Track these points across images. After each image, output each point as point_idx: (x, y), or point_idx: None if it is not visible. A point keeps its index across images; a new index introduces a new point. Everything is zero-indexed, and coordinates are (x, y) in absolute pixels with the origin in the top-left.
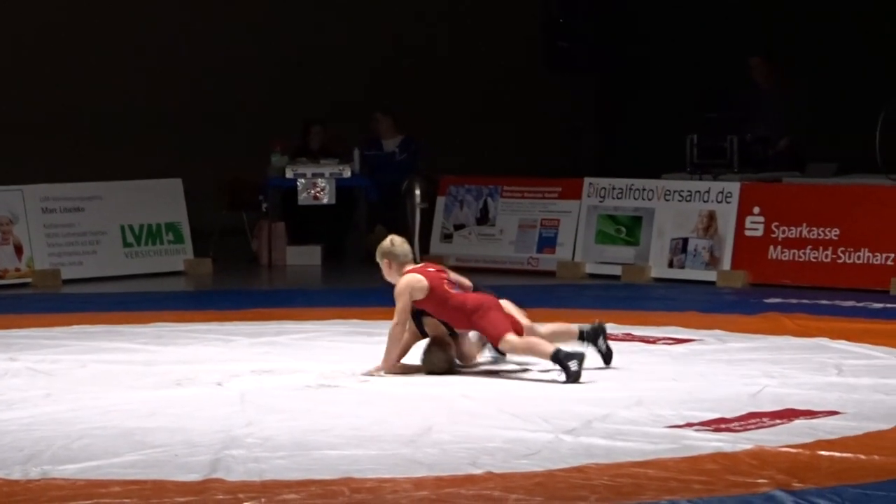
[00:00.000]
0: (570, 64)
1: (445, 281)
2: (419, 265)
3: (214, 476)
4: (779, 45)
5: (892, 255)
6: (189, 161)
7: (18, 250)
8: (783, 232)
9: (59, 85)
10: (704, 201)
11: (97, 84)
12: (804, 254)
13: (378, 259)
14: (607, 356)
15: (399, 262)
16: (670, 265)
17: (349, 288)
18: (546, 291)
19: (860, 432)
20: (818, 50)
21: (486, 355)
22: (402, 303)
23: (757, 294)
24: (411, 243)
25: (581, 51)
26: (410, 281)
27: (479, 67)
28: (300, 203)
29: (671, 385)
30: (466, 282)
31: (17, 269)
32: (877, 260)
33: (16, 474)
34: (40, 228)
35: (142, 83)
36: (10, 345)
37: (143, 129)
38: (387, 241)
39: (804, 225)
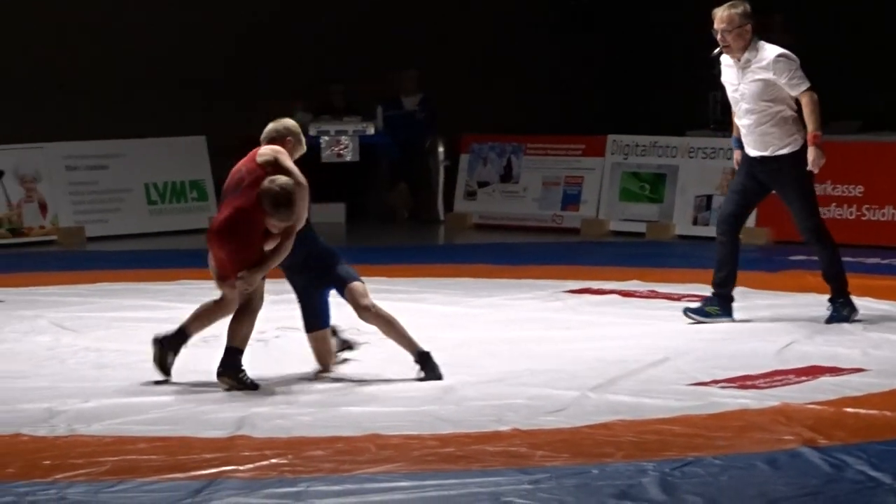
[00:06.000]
0: (588, 22)
1: None
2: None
3: (240, 433)
4: (800, 1)
5: None
6: (213, 118)
7: (43, 208)
8: None
9: (82, 42)
10: (728, 158)
11: (121, 41)
12: (828, 211)
13: (276, 135)
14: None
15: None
16: (694, 222)
17: (373, 246)
18: (570, 249)
19: (886, 389)
20: (840, 6)
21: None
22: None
23: (780, 251)
24: (435, 201)
25: (596, 9)
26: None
27: (496, 26)
28: (323, 161)
29: (696, 342)
30: None
31: (42, 227)
32: None
33: (42, 431)
34: (64, 186)
35: (165, 40)
36: (35, 302)
37: (168, 85)
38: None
39: (828, 182)
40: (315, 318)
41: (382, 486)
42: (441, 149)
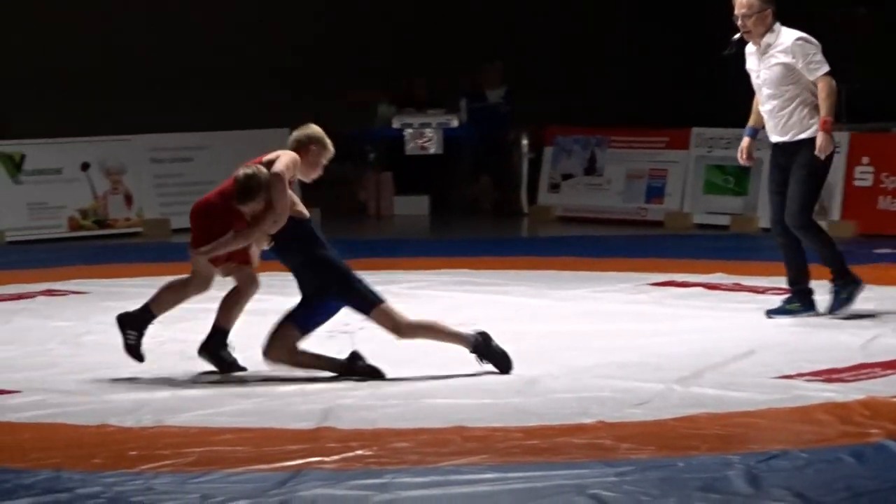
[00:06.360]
0: (671, 15)
1: None
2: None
3: (326, 424)
4: None
5: None
6: (297, 110)
7: (128, 200)
8: (892, 182)
9: (169, 37)
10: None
11: (205, 33)
12: None
13: (298, 145)
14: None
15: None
16: None
17: (457, 238)
18: (654, 242)
19: None
20: None
21: None
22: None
23: (866, 244)
24: (518, 193)
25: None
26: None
27: (579, 17)
28: (407, 153)
29: (781, 335)
30: None
31: (128, 219)
32: None
33: (129, 421)
34: (149, 178)
35: (249, 32)
36: (121, 293)
37: (252, 78)
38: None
39: None
40: (293, 316)
41: (467, 478)
42: (525, 141)
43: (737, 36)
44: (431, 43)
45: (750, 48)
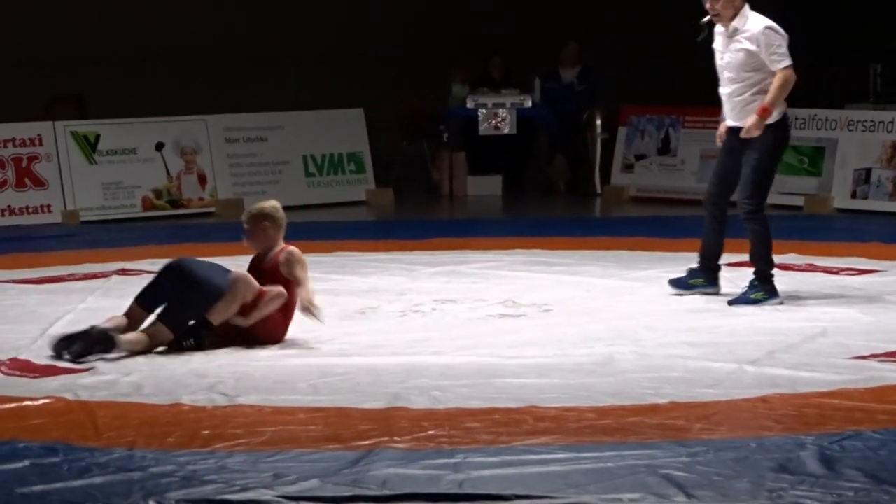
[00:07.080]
0: None
1: None
2: None
3: (398, 404)
4: None
5: None
6: (371, 91)
7: (202, 180)
8: None
9: (245, 17)
10: (888, 132)
11: (281, 16)
12: None
13: (251, 221)
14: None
15: (280, 228)
16: (853, 196)
17: (530, 218)
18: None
19: None
20: None
21: None
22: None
23: None
24: (592, 174)
25: None
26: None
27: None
28: (481, 133)
29: (855, 316)
30: None
31: (201, 199)
32: None
33: (203, 401)
34: (223, 158)
35: (325, 15)
36: None
37: (326, 58)
38: (270, 203)
39: None
40: None
41: (540, 458)
42: (598, 121)
43: (706, 18)
44: (507, 21)
45: (719, 28)
